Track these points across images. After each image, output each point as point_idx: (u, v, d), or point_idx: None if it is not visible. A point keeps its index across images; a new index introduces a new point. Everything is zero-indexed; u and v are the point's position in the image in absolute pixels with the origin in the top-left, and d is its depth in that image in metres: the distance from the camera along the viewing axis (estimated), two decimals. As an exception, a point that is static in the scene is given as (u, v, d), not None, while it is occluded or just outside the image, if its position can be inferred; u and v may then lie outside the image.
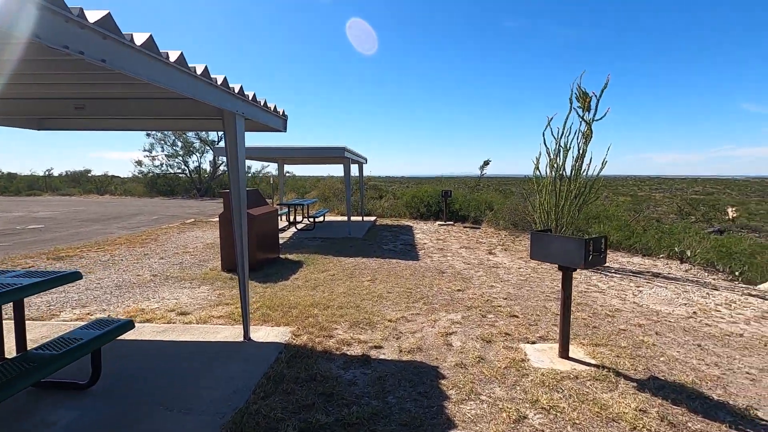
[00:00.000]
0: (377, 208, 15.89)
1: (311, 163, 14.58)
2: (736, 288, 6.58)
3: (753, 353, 3.83)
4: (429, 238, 10.36)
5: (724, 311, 5.16)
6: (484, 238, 10.50)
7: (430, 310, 4.77)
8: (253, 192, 7.46)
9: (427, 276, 6.44)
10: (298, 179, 28.60)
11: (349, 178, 9.98)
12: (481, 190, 19.04)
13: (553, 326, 4.34)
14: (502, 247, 9.38)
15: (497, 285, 6.03)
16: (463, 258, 8.00)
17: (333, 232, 10.52)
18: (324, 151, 9.32)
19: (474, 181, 20.30)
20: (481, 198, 14.03)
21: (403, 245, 9.24)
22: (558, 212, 7.87)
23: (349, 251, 8.29)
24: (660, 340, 4.06)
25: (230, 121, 3.35)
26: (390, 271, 6.72)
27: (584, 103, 7.55)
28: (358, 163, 12.88)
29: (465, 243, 9.72)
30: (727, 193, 60.36)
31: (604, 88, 7.22)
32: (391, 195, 19.57)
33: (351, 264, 7.13)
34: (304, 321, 4.25)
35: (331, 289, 5.52)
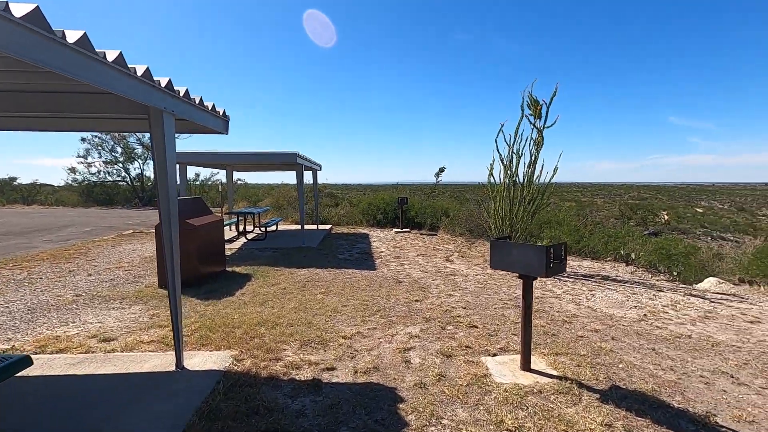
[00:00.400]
0: (333, 216, 15.50)
1: (263, 170, 13.96)
2: (678, 288, 6.86)
3: (702, 355, 3.89)
4: (386, 246, 10.14)
5: (671, 312, 5.30)
6: (441, 245, 10.43)
7: (388, 324, 4.51)
8: (196, 200, 6.89)
9: (384, 286, 6.17)
10: (250, 187, 27.53)
11: (302, 185, 9.56)
12: (437, 197, 19.17)
13: (512, 336, 4.21)
14: (459, 253, 9.33)
15: (455, 293, 5.88)
16: (420, 266, 7.83)
17: (286, 242, 10.03)
18: (275, 156, 8.85)
19: (430, 187, 20.42)
20: (437, 205, 14.05)
21: (359, 254, 8.94)
22: (512, 218, 7.92)
23: (302, 262, 7.86)
24: (617, 345, 4.04)
25: (157, 119, 2.92)
26: (345, 282, 6.39)
27: (535, 110, 7.68)
28: (311, 169, 12.46)
29: (422, 250, 9.58)
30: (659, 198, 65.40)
31: (553, 96, 7.38)
32: (348, 202, 19.25)
33: (304, 276, 6.73)
34: (249, 342, 3.83)
35: (281, 305, 5.10)
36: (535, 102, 7.65)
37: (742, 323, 4.95)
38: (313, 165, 11.37)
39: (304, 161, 9.38)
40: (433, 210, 13.51)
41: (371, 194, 20.78)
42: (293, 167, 10.67)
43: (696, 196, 70.58)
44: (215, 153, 9.09)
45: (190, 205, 6.46)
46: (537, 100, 7.65)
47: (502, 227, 8.05)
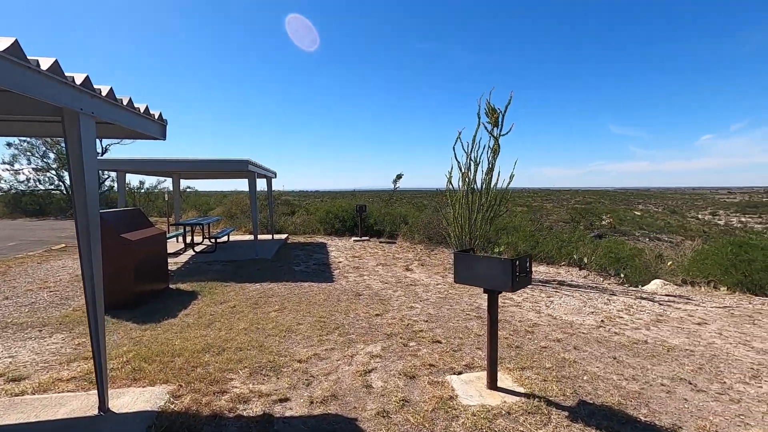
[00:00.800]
0: (289, 225, 14.96)
1: (213, 177, 13.21)
2: (629, 292, 7.08)
3: (660, 361, 3.92)
4: (344, 255, 9.82)
5: (626, 317, 5.39)
6: (400, 254, 10.26)
7: (347, 343, 4.21)
8: (134, 212, 6.27)
9: (343, 300, 5.87)
10: (200, 195, 26.18)
11: (255, 193, 9.06)
12: (395, 204, 19.11)
13: (477, 350, 4.06)
14: (419, 262, 9.19)
15: (417, 305, 5.68)
16: (380, 276, 7.59)
17: (238, 254, 9.46)
18: (226, 164, 8.32)
19: (388, 194, 20.32)
20: (396, 212, 13.92)
21: (316, 265, 8.57)
22: (471, 225, 7.89)
23: (255, 276, 7.38)
24: (580, 355, 3.99)
25: (72, 122, 2.49)
26: (302, 296, 6.02)
27: (492, 118, 7.72)
28: (265, 177, 11.92)
29: (381, 260, 9.36)
30: (602, 202, 69.56)
31: (508, 104, 7.44)
32: (304, 210, 18.73)
33: (256, 291, 6.28)
34: (190, 374, 3.41)
35: (230, 326, 4.67)
36: (492, 110, 7.69)
37: (690, 326, 5.11)
38: (267, 172, 10.87)
39: (256, 169, 8.90)
40: (392, 218, 13.36)
41: (329, 202, 20.40)
42: (245, 175, 10.12)
43: (634, 199, 75.77)
44: (159, 160, 8.40)
45: (127, 218, 5.85)
46: (494, 108, 7.70)
47: (461, 235, 8.00)
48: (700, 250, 8.14)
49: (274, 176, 12.49)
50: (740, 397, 3.23)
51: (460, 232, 7.99)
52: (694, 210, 67.77)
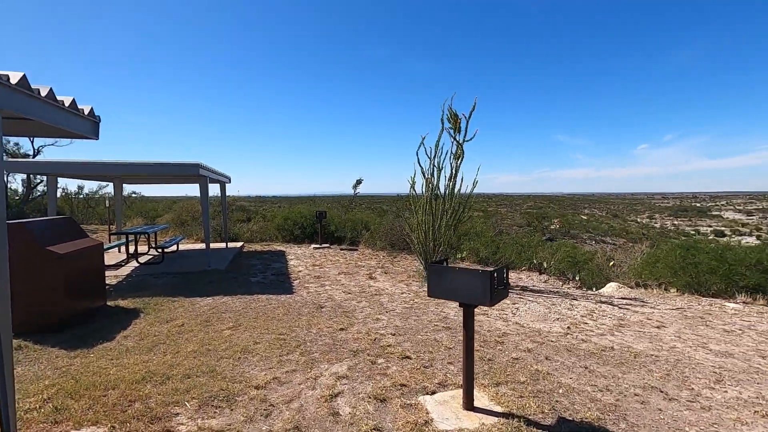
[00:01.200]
0: (245, 233, 14.23)
1: (161, 182, 12.31)
2: (588, 296, 7.20)
3: (630, 369, 3.89)
4: (304, 264, 9.38)
5: (591, 323, 5.42)
6: (363, 261, 9.97)
7: (310, 363, 3.86)
8: (65, 222, 5.55)
9: (304, 314, 5.49)
10: (148, 201, 24.53)
11: (207, 199, 8.44)
12: (355, 209, 18.81)
13: (449, 365, 3.84)
14: (382, 269, 8.94)
15: (383, 317, 5.41)
16: (342, 286, 7.26)
17: (188, 265, 8.77)
18: (174, 168, 7.66)
19: (348, 199, 19.99)
20: (357, 218, 13.62)
21: (274, 275, 8.08)
22: (435, 232, 7.76)
23: (206, 289, 6.81)
24: (552, 366, 3.88)
25: (-32, 115, 2.02)
26: (259, 311, 5.57)
27: (455, 124, 7.64)
28: (218, 182, 11.24)
29: (343, 268, 9.02)
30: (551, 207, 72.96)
31: (472, 110, 7.40)
32: (261, 217, 17.98)
33: (208, 307, 5.75)
34: (127, 410, 2.93)
35: (176, 348, 4.17)
36: (454, 116, 7.62)
37: (651, 329, 5.20)
38: (220, 177, 10.23)
39: (208, 173, 8.29)
40: (353, 224, 13.05)
41: (287, 207, 19.74)
42: (195, 179, 9.45)
43: (580, 204, 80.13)
44: (96, 163, 7.60)
45: (56, 228, 5.15)
46: (456, 113, 7.64)
47: (425, 241, 7.85)
48: (651, 253, 8.50)
49: (228, 181, 11.82)
50: (710, 404, 3.22)
51: (424, 239, 7.84)
52: (634, 214, 72.69)
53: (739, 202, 73.73)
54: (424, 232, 7.84)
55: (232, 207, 19.53)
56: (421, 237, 7.86)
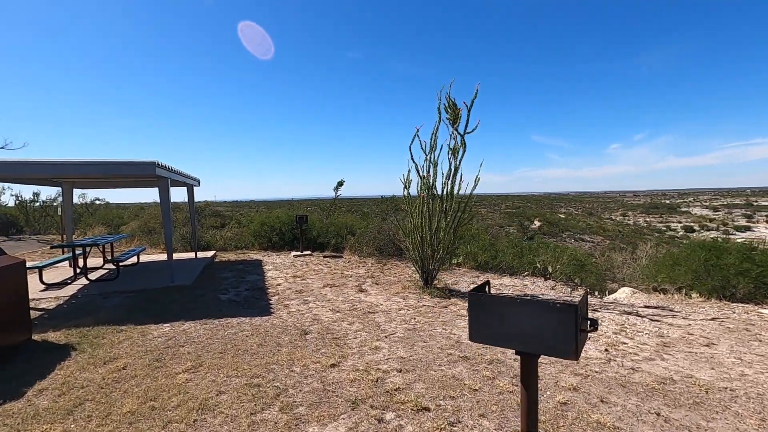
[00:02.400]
0: (218, 240, 12.91)
1: (118, 186, 10.90)
2: (607, 305, 6.37)
3: (711, 412, 2.99)
4: (284, 275, 8.24)
5: (628, 342, 4.53)
6: (350, 270, 8.90)
7: (294, 425, 2.79)
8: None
9: (284, 343, 4.39)
10: (112, 208, 22.67)
11: (169, 203, 7.20)
12: (337, 213, 17.70)
13: (481, 419, 2.85)
14: (373, 279, 7.90)
15: (382, 344, 4.38)
16: (329, 302, 6.18)
17: (148, 281, 7.50)
18: (126, 167, 6.40)
19: (329, 203, 18.82)
20: (341, 222, 12.52)
21: (249, 291, 6.92)
22: (433, 236, 6.79)
23: (165, 312, 5.61)
24: (614, 413, 2.94)
25: None
26: (227, 342, 4.44)
27: (454, 114, 6.70)
28: (185, 185, 9.97)
29: (329, 279, 7.93)
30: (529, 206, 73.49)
31: (474, 98, 6.47)
32: (237, 223, 16.65)
33: (163, 338, 4.58)
34: None
35: (107, 409, 3.02)
36: (453, 105, 6.68)
37: (700, 348, 4.35)
38: (186, 179, 8.98)
39: (169, 173, 7.07)
40: (336, 228, 11.95)
41: (264, 212, 18.45)
42: (154, 181, 8.18)
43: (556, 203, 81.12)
44: (31, 163, 6.27)
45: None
46: (455, 102, 6.71)
47: (421, 247, 6.86)
48: (668, 255, 7.75)
49: (196, 184, 10.54)
50: None
51: (420, 244, 6.86)
52: (608, 212, 74.00)
53: (705, 198, 76.13)
54: (421, 236, 6.86)
55: (205, 212, 18.10)
56: (417, 242, 6.87)
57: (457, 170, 6.65)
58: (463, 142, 6.52)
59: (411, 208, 6.94)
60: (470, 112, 6.45)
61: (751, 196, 76.41)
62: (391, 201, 17.47)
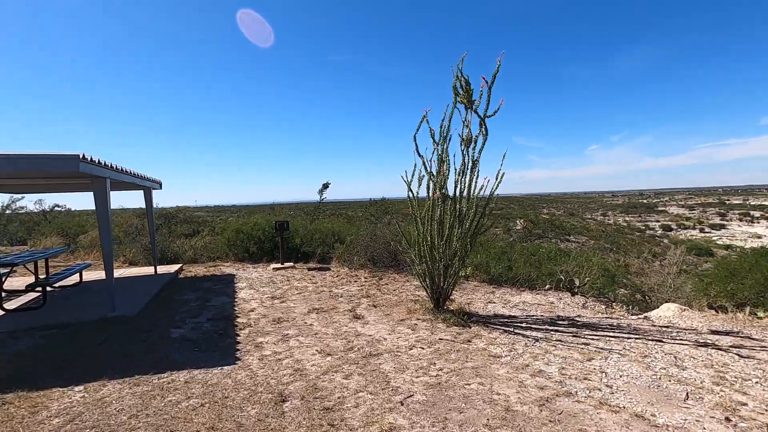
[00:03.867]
0: (187, 251, 11.18)
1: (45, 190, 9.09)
2: (664, 331, 5.02)
3: None
4: (259, 296, 6.65)
5: (747, 401, 3.15)
6: (340, 286, 7.36)
7: None
8: None
9: (250, 426, 2.84)
10: (75, 215, 20.47)
11: (106, 209, 5.53)
12: (323, 217, 16.10)
13: None
14: (369, 299, 6.38)
15: (398, 420, 2.87)
16: (316, 338, 4.64)
17: (83, 310, 5.82)
18: (35, 162, 4.71)
19: (313, 206, 17.20)
20: (328, 228, 10.95)
21: (212, 322, 5.32)
22: (445, 246, 5.34)
23: (87, 362, 3.97)
24: None
25: None
26: (161, 421, 2.86)
27: (467, 95, 5.27)
28: (141, 187, 8.28)
29: (314, 300, 6.38)
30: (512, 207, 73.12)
31: (496, 72, 5.05)
32: (212, 230, 14.89)
33: (61, 418, 2.95)
34: None
35: None
36: (466, 83, 5.25)
37: None
38: (139, 180, 7.30)
39: (105, 172, 5.41)
40: (322, 235, 10.39)
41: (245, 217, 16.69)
42: (85, 182, 6.49)
43: (539, 204, 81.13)
44: None
45: None
46: (468, 80, 5.28)
47: (431, 260, 5.40)
48: (721, 264, 6.47)
49: (156, 186, 8.84)
50: None
51: (430, 257, 5.39)
52: (589, 212, 74.28)
53: (680, 198, 77.27)
54: (430, 247, 5.40)
55: (176, 219, 16.24)
56: (426, 254, 5.40)
57: (475, 164, 5.22)
58: (483, 127, 5.09)
59: (419, 212, 5.47)
60: (491, 89, 5.03)
61: (723, 195, 77.96)
62: (381, 204, 15.97)
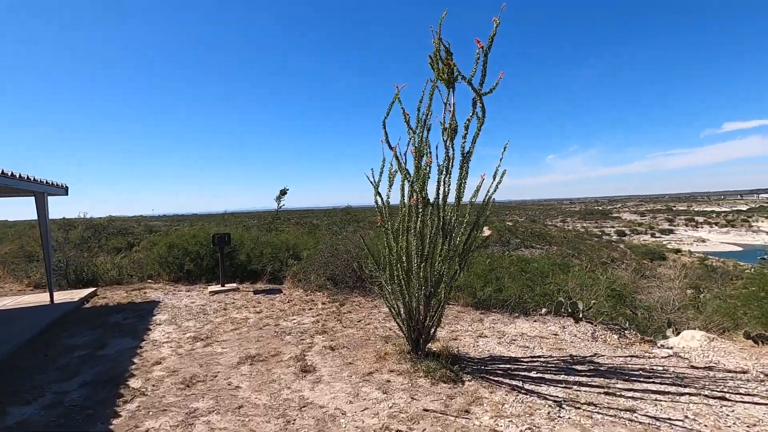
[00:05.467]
0: (109, 270, 9.14)
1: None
2: (709, 376, 3.80)
3: None
4: (178, 337, 4.92)
5: None
6: (290, 316, 5.75)
7: None
8: None
9: None
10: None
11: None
12: (282, 227, 14.35)
13: None
14: (325, 337, 4.81)
15: None
16: (238, 417, 3.02)
17: None
18: None
19: (271, 215, 15.38)
20: (281, 241, 9.24)
21: (87, 389, 3.55)
22: (429, 270, 3.89)
23: None
24: None
25: None
26: None
27: (447, 70, 3.90)
28: (31, 193, 6.34)
29: (252, 342, 4.74)
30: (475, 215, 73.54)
31: (494, 34, 3.70)
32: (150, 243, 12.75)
33: None
34: None
35: None
36: (447, 54, 3.85)
37: None
38: (24, 184, 5.41)
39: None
40: (274, 249, 8.70)
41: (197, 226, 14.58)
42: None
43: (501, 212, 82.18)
44: None
45: None
46: (449, 50, 3.88)
47: (407, 286, 3.94)
48: (763, 281, 5.33)
49: (59, 192, 6.89)
50: None
51: (407, 284, 3.93)
52: (549, 218, 75.90)
53: (632, 204, 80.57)
54: (406, 270, 3.94)
55: (106, 231, 13.91)
56: (401, 279, 3.93)
57: (467, 158, 3.83)
58: (479, 106, 3.71)
59: (391, 223, 4.01)
60: (488, 55, 3.67)
61: (669, 201, 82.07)
62: (346, 212, 14.40)
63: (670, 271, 7.28)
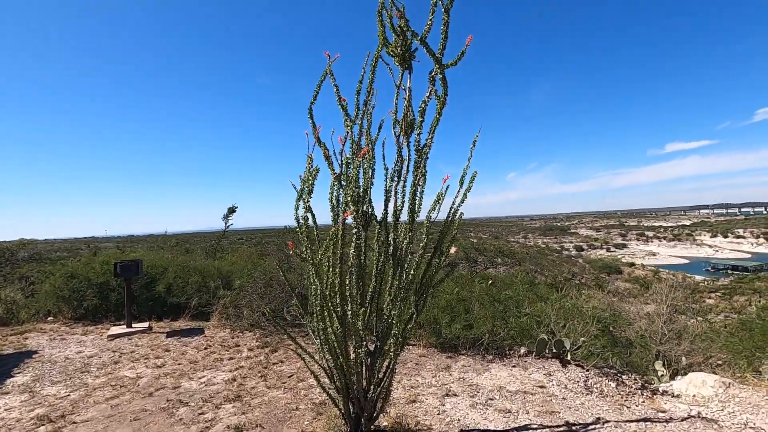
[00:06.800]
0: (-7, 307, 7.24)
1: None
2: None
3: None
4: (20, 412, 3.38)
5: None
6: (199, 371, 4.30)
7: None
8: None
9: None
10: None
11: None
12: (228, 250, 12.72)
13: None
14: (236, 409, 3.43)
15: None
16: None
17: None
18: None
19: (216, 236, 13.68)
20: (211, 268, 7.70)
21: None
22: (371, 314, 2.67)
23: None
24: None
25: None
26: None
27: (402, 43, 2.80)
28: None
29: (128, 419, 3.29)
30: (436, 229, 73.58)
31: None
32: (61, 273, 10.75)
33: None
34: None
35: None
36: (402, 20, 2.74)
37: None
38: None
39: None
40: (202, 278, 7.18)
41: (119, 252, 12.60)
42: None
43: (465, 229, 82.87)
44: None
45: None
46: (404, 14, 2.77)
47: (343, 344, 2.69)
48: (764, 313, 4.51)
49: None
50: None
51: (338, 331, 2.68)
52: (511, 235, 77.14)
53: (587, 220, 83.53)
54: (339, 316, 2.69)
55: (17, 257, 11.71)
56: (333, 329, 2.68)
57: (422, 156, 2.69)
58: (441, 81, 2.60)
59: (317, 251, 2.76)
60: (449, 13, 2.58)
61: (621, 217, 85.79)
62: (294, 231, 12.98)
63: (661, 285, 6.45)
